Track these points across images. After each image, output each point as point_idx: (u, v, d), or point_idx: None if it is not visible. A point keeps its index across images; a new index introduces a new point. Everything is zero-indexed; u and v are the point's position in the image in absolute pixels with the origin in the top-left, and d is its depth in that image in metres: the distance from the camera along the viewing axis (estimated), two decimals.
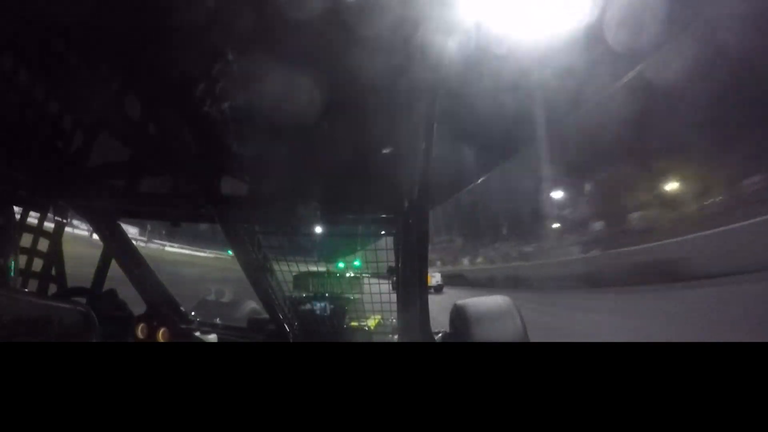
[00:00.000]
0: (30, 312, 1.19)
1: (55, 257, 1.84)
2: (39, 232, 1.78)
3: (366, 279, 2.19)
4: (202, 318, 2.21)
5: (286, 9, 1.01)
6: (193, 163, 1.47)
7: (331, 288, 2.38)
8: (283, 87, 1.17)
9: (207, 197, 1.54)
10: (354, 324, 2.28)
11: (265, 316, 2.07)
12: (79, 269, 2.04)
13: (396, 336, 2.11)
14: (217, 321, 2.25)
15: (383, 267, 1.90)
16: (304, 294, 2.25)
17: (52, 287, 1.83)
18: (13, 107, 1.47)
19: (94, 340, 1.31)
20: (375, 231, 1.86)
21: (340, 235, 2.10)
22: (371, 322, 2.34)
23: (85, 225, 1.99)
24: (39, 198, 1.75)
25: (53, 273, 1.83)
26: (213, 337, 1.97)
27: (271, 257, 1.88)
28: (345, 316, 2.27)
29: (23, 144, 1.56)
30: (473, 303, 1.92)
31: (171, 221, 1.99)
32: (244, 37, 1.16)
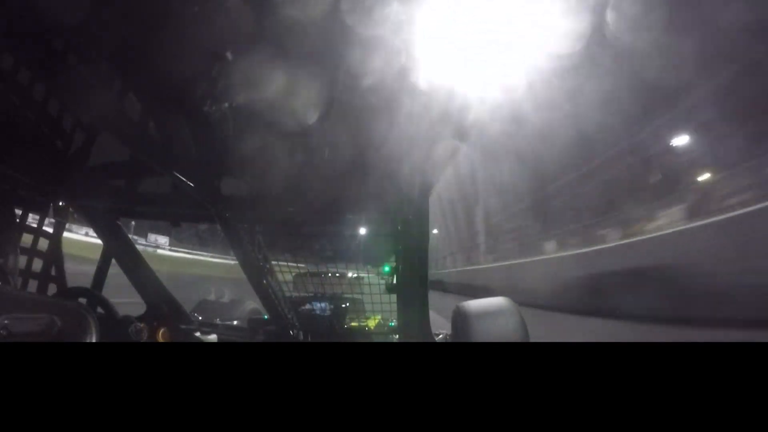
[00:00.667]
0: (30, 312, 1.19)
1: (55, 257, 1.84)
2: (39, 232, 1.78)
3: (366, 279, 2.19)
4: (202, 318, 2.21)
5: (286, 9, 1.01)
6: (193, 163, 1.46)
7: (331, 288, 2.38)
8: (284, 87, 1.17)
9: (207, 197, 1.54)
10: (354, 324, 2.28)
11: (266, 316, 2.07)
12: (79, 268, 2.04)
13: (396, 336, 2.12)
14: (217, 321, 2.25)
15: (384, 267, 1.90)
16: (304, 294, 2.24)
17: (52, 287, 1.83)
18: (13, 107, 1.48)
19: (94, 340, 1.31)
20: (375, 231, 1.86)
21: (340, 235, 2.10)
22: (371, 322, 2.34)
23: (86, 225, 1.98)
24: (39, 198, 1.75)
25: (53, 273, 1.83)
26: (213, 337, 1.97)
27: (271, 257, 1.88)
28: (345, 316, 2.27)
29: (23, 144, 1.56)
30: (474, 304, 1.92)
31: (171, 221, 1.99)
32: (244, 37, 1.16)
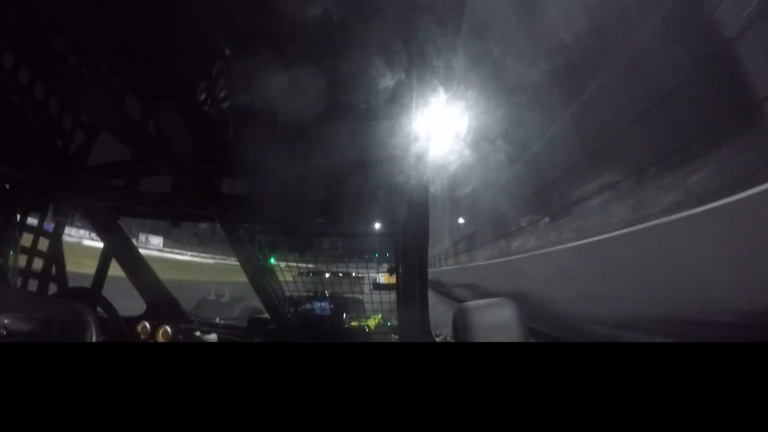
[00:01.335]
0: (30, 312, 1.19)
1: (55, 257, 1.84)
2: (39, 232, 1.78)
3: (366, 279, 2.19)
4: (202, 318, 2.21)
5: (287, 9, 1.01)
6: (193, 163, 1.47)
7: (331, 288, 2.38)
8: (284, 87, 1.17)
9: (207, 197, 1.54)
10: (354, 324, 2.28)
11: (266, 315, 2.07)
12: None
13: (396, 336, 2.11)
14: (218, 321, 2.24)
15: (383, 267, 1.90)
16: (304, 294, 2.24)
17: (52, 287, 1.83)
18: (13, 107, 1.48)
19: (94, 340, 1.31)
20: (375, 230, 1.86)
21: (340, 235, 2.10)
22: (371, 322, 2.34)
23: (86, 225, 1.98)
24: (39, 198, 1.75)
25: (53, 273, 1.83)
26: (213, 337, 1.97)
27: (271, 257, 1.88)
28: (345, 316, 2.27)
29: (23, 144, 1.56)
30: (475, 306, 1.92)
31: (171, 221, 1.99)
32: (244, 37, 1.16)
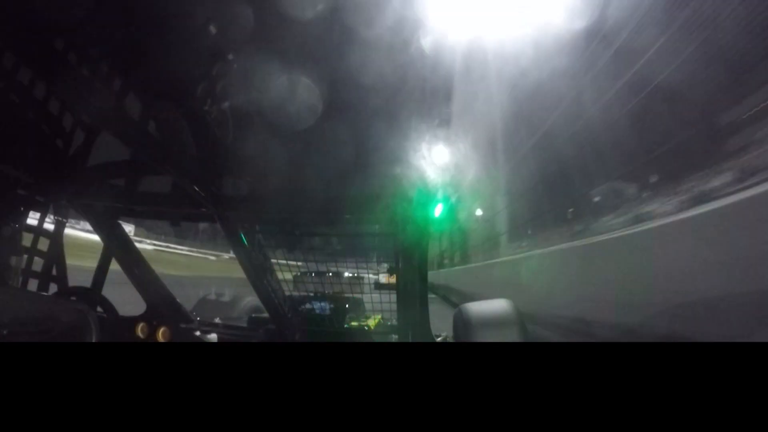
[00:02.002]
0: (30, 312, 1.19)
1: (56, 257, 1.84)
2: (39, 231, 1.78)
3: (366, 279, 2.19)
4: (202, 317, 2.21)
5: (286, 9, 1.01)
6: (193, 163, 1.47)
7: (332, 288, 2.38)
8: (284, 87, 1.17)
9: (207, 197, 1.54)
10: (354, 324, 2.28)
11: (266, 315, 2.07)
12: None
13: (396, 336, 2.11)
14: (218, 320, 2.24)
15: (383, 267, 1.90)
16: (304, 294, 2.24)
17: (52, 287, 1.83)
18: (13, 107, 1.47)
19: (94, 340, 1.31)
20: (375, 231, 1.87)
21: (340, 235, 2.10)
22: (371, 322, 2.34)
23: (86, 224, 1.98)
24: (39, 198, 1.75)
25: (53, 273, 1.83)
26: (213, 337, 1.97)
27: (271, 257, 1.88)
28: (345, 316, 2.27)
29: (23, 143, 1.56)
30: (476, 306, 1.92)
31: (171, 221, 1.99)
32: (244, 37, 1.16)
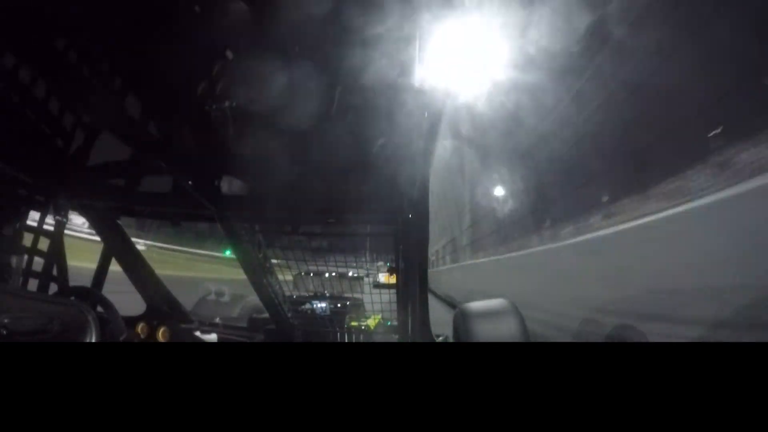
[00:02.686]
0: (30, 312, 1.19)
1: (56, 257, 1.84)
2: (39, 231, 1.78)
3: (366, 279, 2.20)
4: (202, 317, 2.21)
5: (286, 8, 1.01)
6: (193, 163, 1.47)
7: (331, 288, 2.38)
8: (284, 87, 1.17)
9: (207, 197, 1.54)
10: (354, 324, 2.28)
11: (266, 315, 2.08)
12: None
13: (396, 336, 2.12)
14: (217, 320, 2.25)
15: (383, 267, 1.90)
16: (304, 294, 2.25)
17: (52, 287, 1.82)
18: (13, 107, 1.47)
19: (94, 340, 1.31)
20: (375, 231, 1.87)
21: (340, 235, 2.10)
22: (371, 322, 2.34)
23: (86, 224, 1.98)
24: (39, 197, 1.75)
25: (53, 273, 1.83)
26: (213, 337, 1.98)
27: (271, 257, 1.88)
28: (345, 316, 2.27)
29: (23, 143, 1.56)
30: (475, 306, 1.93)
31: (171, 221, 1.99)
32: (244, 37, 1.16)
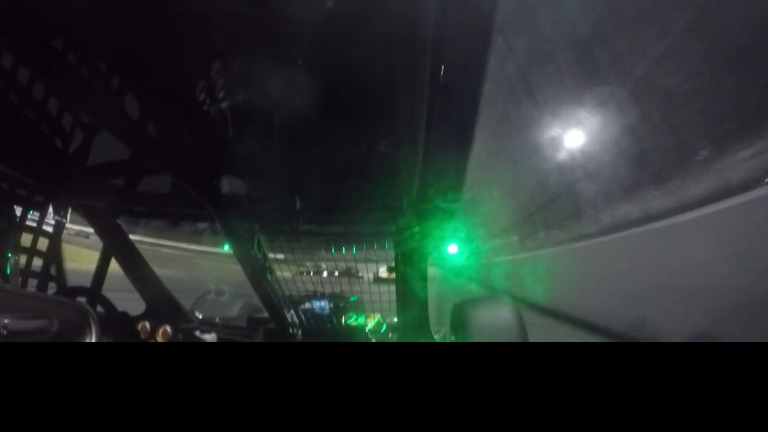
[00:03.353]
0: (30, 312, 1.19)
1: (55, 257, 1.84)
2: (39, 231, 1.78)
3: (366, 278, 2.20)
4: (202, 317, 2.21)
5: (286, 8, 1.01)
6: (193, 163, 1.47)
7: (331, 287, 2.39)
8: (283, 86, 1.17)
9: (207, 197, 1.54)
10: (353, 324, 2.28)
11: (265, 315, 2.08)
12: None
13: (396, 336, 2.12)
14: (217, 320, 2.25)
15: (383, 267, 1.90)
16: (304, 293, 2.25)
17: (52, 287, 1.83)
18: (13, 106, 1.47)
19: (94, 340, 1.31)
20: (375, 230, 1.86)
21: (339, 234, 2.10)
22: (371, 321, 2.34)
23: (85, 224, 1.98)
24: (39, 197, 1.75)
25: (53, 272, 1.83)
26: (213, 337, 1.98)
27: (271, 257, 1.88)
28: (345, 315, 2.28)
29: (23, 143, 1.56)
30: (473, 303, 1.93)
31: (171, 220, 1.99)
32: (244, 37, 1.16)
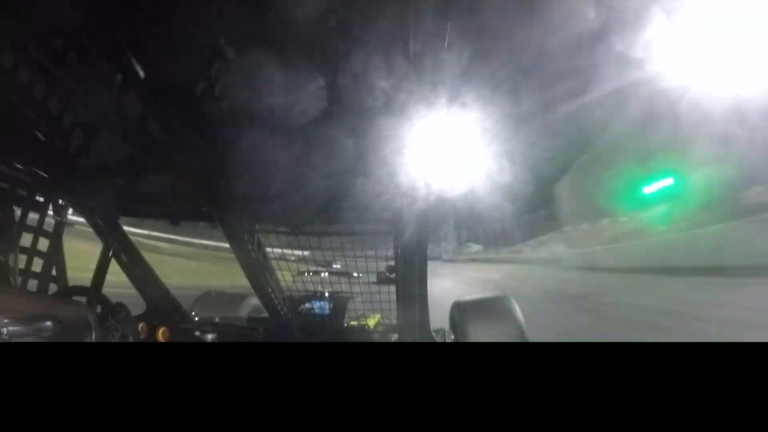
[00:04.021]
0: (30, 312, 1.19)
1: (55, 256, 1.84)
2: (39, 231, 1.78)
3: (365, 278, 2.19)
4: (202, 317, 2.21)
5: (286, 9, 1.00)
6: (193, 163, 1.47)
7: (331, 287, 2.38)
8: (284, 87, 1.17)
9: (207, 197, 1.54)
10: (354, 324, 2.28)
11: (266, 315, 2.08)
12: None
13: (396, 336, 2.12)
14: (217, 319, 2.25)
15: (383, 267, 1.90)
16: (303, 294, 2.25)
17: (52, 287, 1.83)
18: (13, 106, 1.47)
19: (94, 340, 1.31)
20: (375, 230, 1.87)
21: (339, 235, 2.10)
22: (371, 322, 2.34)
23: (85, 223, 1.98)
24: (39, 197, 1.75)
25: (53, 272, 1.83)
26: (213, 337, 1.98)
27: (271, 257, 1.88)
28: (345, 315, 2.27)
29: (23, 143, 1.56)
30: (473, 301, 1.93)
31: (171, 220, 1.99)
32: (244, 37, 1.16)
